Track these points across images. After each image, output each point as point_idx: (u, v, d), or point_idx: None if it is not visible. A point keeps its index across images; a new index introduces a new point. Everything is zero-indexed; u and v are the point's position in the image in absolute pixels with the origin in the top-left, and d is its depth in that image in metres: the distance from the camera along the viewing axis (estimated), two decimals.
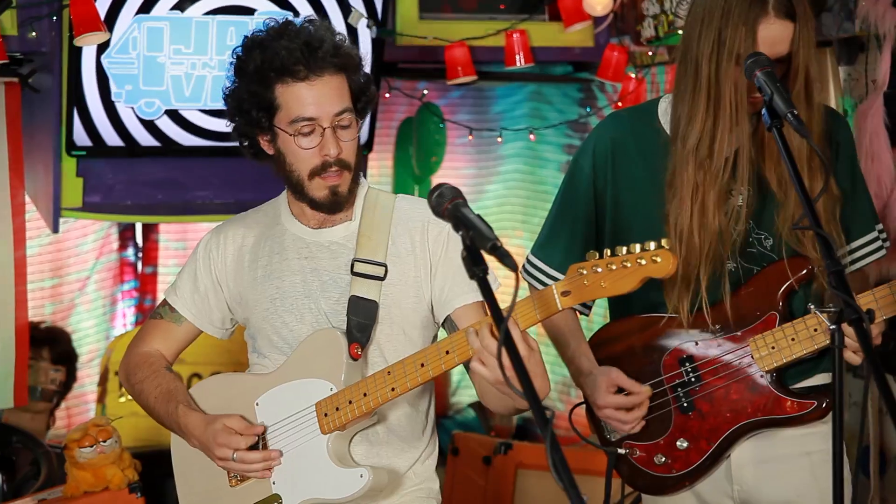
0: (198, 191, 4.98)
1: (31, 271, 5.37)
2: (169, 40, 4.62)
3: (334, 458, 2.86)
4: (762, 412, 3.00)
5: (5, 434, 4.58)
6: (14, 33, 4.51)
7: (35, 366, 4.97)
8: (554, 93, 6.03)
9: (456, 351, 2.69)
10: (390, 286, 2.92)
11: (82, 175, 4.79)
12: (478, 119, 6.03)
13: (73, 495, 3.73)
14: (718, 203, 2.95)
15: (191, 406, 2.98)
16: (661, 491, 3.12)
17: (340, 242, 2.96)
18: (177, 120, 4.77)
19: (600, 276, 2.47)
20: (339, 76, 2.88)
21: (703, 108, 2.92)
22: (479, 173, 6.22)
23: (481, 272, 2.24)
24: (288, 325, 2.97)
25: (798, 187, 2.65)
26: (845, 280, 2.52)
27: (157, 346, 3.11)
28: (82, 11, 4.34)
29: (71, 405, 5.62)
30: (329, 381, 2.87)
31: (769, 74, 2.74)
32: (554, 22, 5.31)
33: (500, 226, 6.23)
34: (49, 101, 4.66)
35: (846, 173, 3.08)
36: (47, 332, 5.13)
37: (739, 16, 2.85)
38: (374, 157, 5.94)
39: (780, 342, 2.97)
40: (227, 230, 3.09)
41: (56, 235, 5.37)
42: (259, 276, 3.00)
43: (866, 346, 2.48)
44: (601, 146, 3.12)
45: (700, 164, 2.94)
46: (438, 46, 5.08)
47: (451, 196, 2.36)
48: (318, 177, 2.89)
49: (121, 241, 5.77)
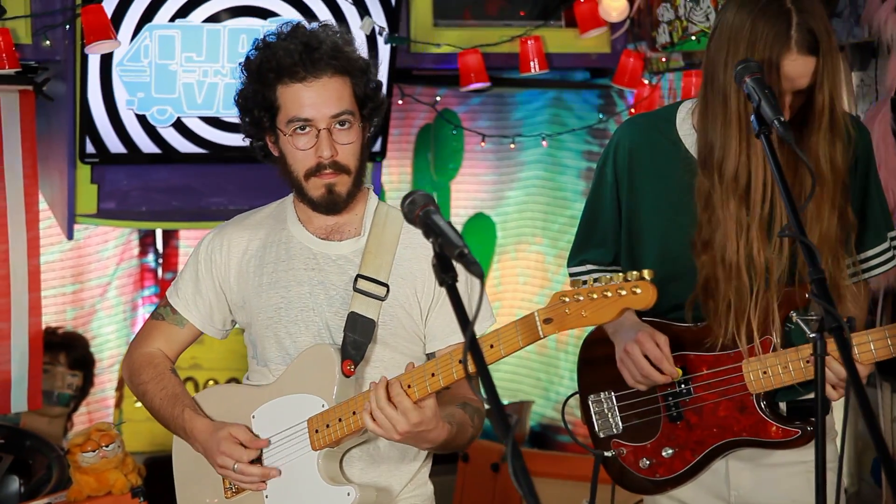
0: (212, 197, 5.00)
1: (52, 277, 5.45)
2: (180, 48, 4.64)
3: (324, 474, 2.86)
4: (747, 433, 3.01)
5: (19, 438, 4.62)
6: (28, 42, 4.56)
7: (52, 371, 5.01)
8: (574, 99, 6.01)
9: (441, 374, 2.70)
10: (390, 307, 2.91)
11: (97, 182, 4.83)
12: (498, 126, 6.01)
13: (76, 499, 3.75)
14: (762, 238, 2.94)
15: (197, 411, 2.99)
16: (645, 491, 3.15)
17: (348, 258, 2.96)
18: (190, 127, 4.80)
19: (581, 305, 2.48)
20: (339, 79, 2.88)
21: (737, 141, 2.90)
22: (499, 179, 6.21)
23: (450, 279, 2.24)
24: (291, 336, 2.96)
25: (784, 195, 2.63)
26: (827, 288, 2.50)
27: (160, 347, 3.12)
28: (94, 20, 4.38)
29: (92, 409, 5.66)
30: (321, 398, 2.87)
31: (758, 81, 2.73)
32: (570, 28, 5.30)
33: (519, 232, 6.21)
34: (63, 109, 4.70)
35: (860, 185, 3.05)
36: (65, 337, 5.17)
37: (763, 50, 2.82)
38: (394, 163, 5.96)
39: (773, 369, 2.96)
40: (230, 232, 3.08)
41: (77, 241, 5.44)
42: (264, 283, 2.99)
43: (846, 356, 2.45)
44: (621, 155, 3.13)
45: (741, 198, 2.92)
46: (454, 53, 5.09)
47: (422, 203, 2.36)
48: (314, 177, 2.89)
49: (141, 248, 5.80)
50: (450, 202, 6.03)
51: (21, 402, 4.73)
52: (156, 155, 4.80)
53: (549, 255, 6.12)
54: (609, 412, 3.14)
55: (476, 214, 6.13)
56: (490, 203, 6.19)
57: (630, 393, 3.11)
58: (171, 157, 4.83)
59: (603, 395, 3.15)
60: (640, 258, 3.14)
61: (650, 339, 2.99)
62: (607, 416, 3.14)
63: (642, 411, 3.09)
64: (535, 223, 6.22)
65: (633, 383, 3.04)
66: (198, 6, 4.63)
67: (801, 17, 2.82)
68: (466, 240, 6.21)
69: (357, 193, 2.96)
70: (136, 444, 5.20)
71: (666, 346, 2.98)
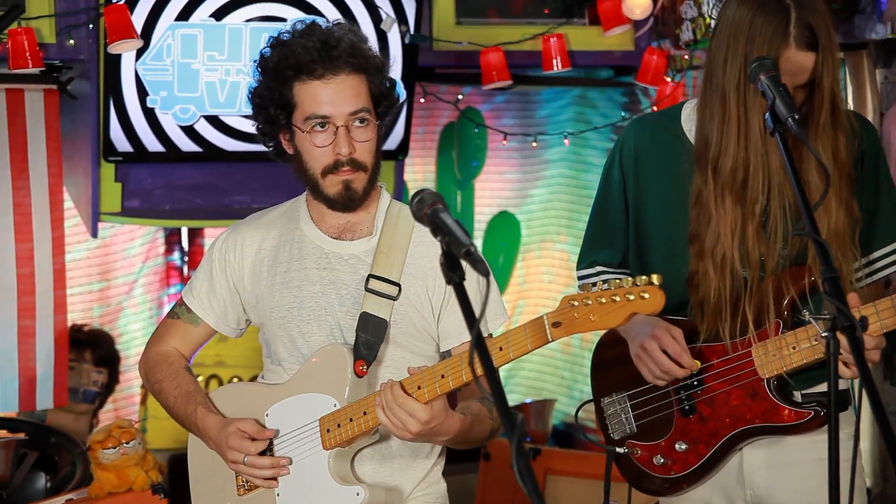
0: (236, 195, 5.02)
1: (79, 275, 5.50)
2: (203, 47, 4.67)
3: (334, 474, 2.87)
4: (760, 419, 2.99)
5: (44, 434, 4.67)
6: (53, 41, 4.60)
7: (77, 368, 5.06)
8: (599, 97, 6.01)
9: (450, 375, 2.70)
10: (402, 306, 2.92)
11: (121, 180, 4.86)
12: (522, 124, 6.01)
13: (97, 496, 3.78)
14: (758, 234, 2.94)
15: (209, 408, 3.01)
16: (660, 492, 3.14)
17: (360, 257, 2.96)
18: (215, 125, 4.83)
19: (590, 310, 2.48)
20: (356, 76, 2.88)
21: (735, 138, 2.91)
22: (523, 178, 6.20)
23: (458, 277, 2.24)
24: (304, 335, 2.97)
25: (798, 193, 2.63)
26: (839, 287, 2.49)
27: (175, 345, 3.14)
28: (116, 19, 4.41)
29: (119, 406, 5.70)
30: (333, 397, 2.88)
31: (773, 78, 2.73)
32: (594, 26, 5.29)
33: (544, 230, 6.21)
34: (88, 108, 4.73)
35: (870, 182, 3.03)
36: (90, 334, 5.21)
37: (762, 46, 2.83)
38: (419, 161, 5.97)
39: (782, 350, 2.95)
40: (244, 232, 3.09)
41: (104, 239, 5.48)
42: (277, 283, 3.00)
43: (857, 355, 2.45)
44: (627, 154, 3.14)
45: (737, 195, 2.93)
46: (477, 51, 5.09)
47: (430, 201, 2.36)
48: (331, 174, 2.90)
49: (167, 246, 5.83)
50: (474, 200, 6.02)
51: (47, 400, 4.78)
52: (179, 153, 4.83)
53: (573, 254, 6.07)
54: (622, 413, 3.14)
55: (500, 213, 6.13)
56: (515, 201, 6.19)
57: (643, 391, 3.11)
58: (198, 156, 4.87)
59: (616, 396, 3.15)
60: (648, 255, 3.14)
61: (667, 334, 2.98)
62: (621, 417, 3.14)
63: (655, 408, 3.08)
64: (559, 221, 6.21)
65: (653, 379, 3.03)
66: (228, 14, 4.67)
67: (799, 12, 2.83)
68: (490, 238, 6.20)
69: (371, 191, 2.96)
70: (161, 441, 5.23)
71: (682, 339, 2.98)
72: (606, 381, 3.20)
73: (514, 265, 6.13)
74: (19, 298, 4.72)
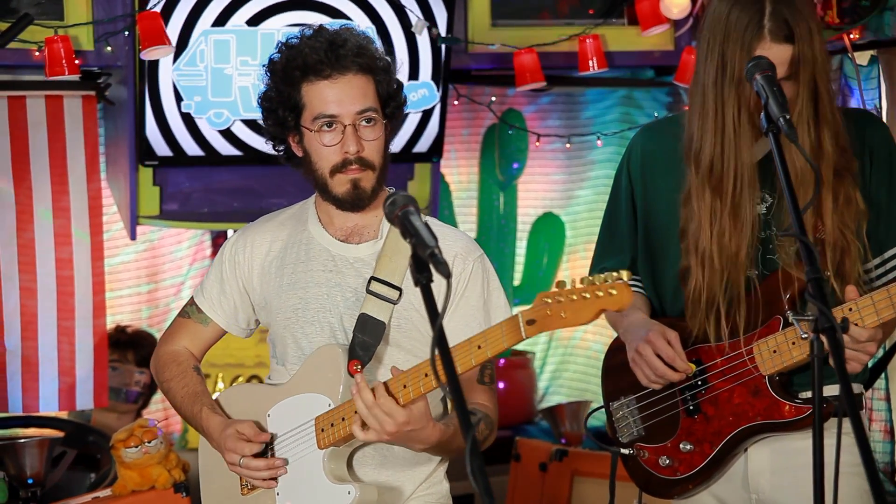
0: (272, 198, 5.05)
1: (127, 277, 5.59)
2: (235, 52, 4.74)
3: (329, 473, 2.90)
4: (762, 416, 2.98)
5: (82, 433, 4.76)
6: (91, 48, 4.70)
7: (120, 368, 5.15)
8: (644, 97, 5.98)
9: (432, 374, 2.72)
10: (405, 310, 2.94)
11: (159, 184, 4.95)
12: (569, 125, 6.00)
13: (121, 494, 3.84)
14: (735, 225, 2.94)
15: (214, 409, 3.06)
16: (667, 494, 3.12)
17: (365, 261, 2.99)
18: (253, 128, 4.88)
19: (561, 307, 2.51)
20: (363, 76, 2.92)
21: (712, 132, 2.93)
22: (569, 179, 6.19)
23: (424, 279, 2.27)
24: (307, 336, 3.01)
25: (787, 193, 2.62)
26: (822, 288, 2.48)
27: (185, 345, 3.20)
28: (148, 26, 4.50)
29: (168, 405, 5.78)
30: (328, 397, 2.91)
31: (768, 78, 2.72)
32: (632, 26, 5.28)
33: (590, 231, 6.18)
34: (126, 114, 4.82)
35: (882, 179, 3.00)
36: (133, 335, 5.30)
37: (737, 41, 2.85)
38: (463, 163, 5.99)
39: (781, 346, 2.94)
40: (254, 234, 3.13)
41: (151, 242, 5.57)
42: (284, 284, 3.04)
43: (837, 356, 2.44)
44: (634, 160, 3.16)
45: (714, 188, 2.94)
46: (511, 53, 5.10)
47: (402, 203, 2.39)
48: (340, 173, 2.93)
49: (213, 248, 5.90)
50: (517, 201, 6.03)
51: (87, 400, 4.88)
52: (218, 157, 4.90)
53: None
54: (630, 416, 3.13)
55: (545, 214, 6.12)
56: (559, 202, 6.18)
57: (649, 393, 3.10)
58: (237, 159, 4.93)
59: (623, 399, 3.15)
60: (657, 260, 3.15)
61: (661, 338, 2.97)
62: (629, 420, 3.14)
63: (661, 409, 3.08)
64: None
65: (648, 383, 3.03)
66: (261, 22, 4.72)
67: (774, 6, 2.83)
68: (534, 239, 6.15)
69: (380, 192, 2.98)
70: (196, 439, 5.29)
71: (677, 342, 2.97)
72: (615, 384, 3.20)
73: (558, 266, 6.12)
74: (59, 300, 4.82)
